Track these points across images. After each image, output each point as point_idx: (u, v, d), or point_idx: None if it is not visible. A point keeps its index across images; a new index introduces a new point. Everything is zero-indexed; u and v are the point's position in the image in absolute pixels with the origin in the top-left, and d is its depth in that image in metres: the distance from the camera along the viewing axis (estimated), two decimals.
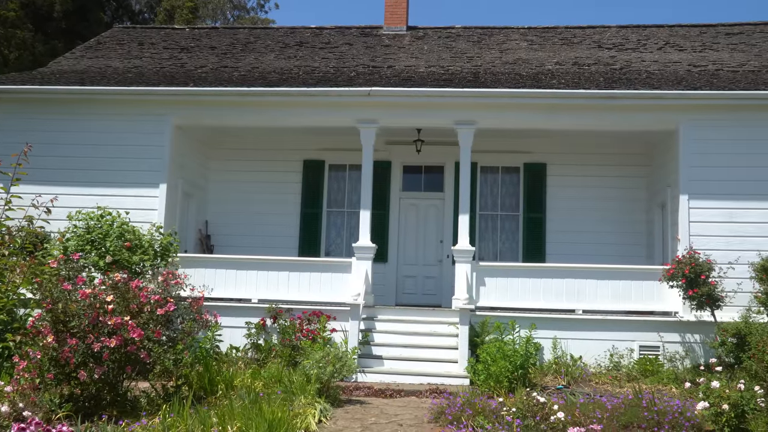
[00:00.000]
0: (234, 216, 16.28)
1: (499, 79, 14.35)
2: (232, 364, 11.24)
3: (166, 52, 17.19)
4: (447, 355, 11.92)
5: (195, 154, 15.81)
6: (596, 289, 12.96)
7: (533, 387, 10.32)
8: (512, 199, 16.19)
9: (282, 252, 15.35)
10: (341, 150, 16.18)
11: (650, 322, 12.70)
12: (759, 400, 7.52)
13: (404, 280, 16.03)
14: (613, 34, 17.62)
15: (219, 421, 7.31)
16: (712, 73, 14.53)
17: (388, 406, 9.48)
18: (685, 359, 12.27)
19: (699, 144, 13.11)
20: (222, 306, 12.72)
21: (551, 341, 12.57)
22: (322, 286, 13.35)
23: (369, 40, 17.79)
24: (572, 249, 15.26)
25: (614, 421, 8.01)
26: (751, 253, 11.96)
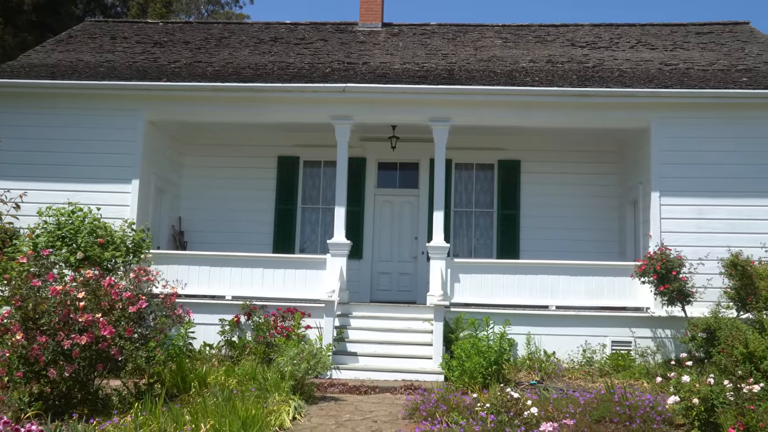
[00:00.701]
0: (208, 212, 16.17)
1: (473, 77, 14.39)
2: (206, 362, 11.17)
3: (139, 47, 16.99)
4: (422, 351, 11.95)
5: (168, 150, 15.66)
6: (569, 285, 13.08)
7: (507, 383, 10.38)
8: (487, 196, 16.27)
9: (256, 249, 15.28)
10: (316, 146, 16.14)
11: (622, 317, 12.83)
12: (728, 394, 7.64)
13: (379, 276, 16.04)
14: (586, 32, 17.77)
15: (192, 419, 7.26)
16: (682, 71, 14.71)
17: (363, 402, 9.48)
18: (657, 354, 12.43)
19: (670, 141, 13.29)
20: (195, 303, 12.62)
21: (525, 337, 12.66)
22: (297, 282, 13.32)
23: (344, 36, 17.74)
24: (546, 245, 15.41)
25: (587, 416, 8.09)
26: (721, 249, 12.14)
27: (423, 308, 12.91)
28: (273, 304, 12.82)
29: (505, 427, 7.42)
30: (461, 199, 16.28)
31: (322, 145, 15.77)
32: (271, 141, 16.35)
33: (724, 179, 13.05)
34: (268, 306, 12.75)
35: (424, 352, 11.89)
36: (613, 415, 8.07)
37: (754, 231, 12.70)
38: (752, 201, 12.94)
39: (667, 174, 13.20)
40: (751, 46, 16.31)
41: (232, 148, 16.45)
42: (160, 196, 15.17)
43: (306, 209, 16.45)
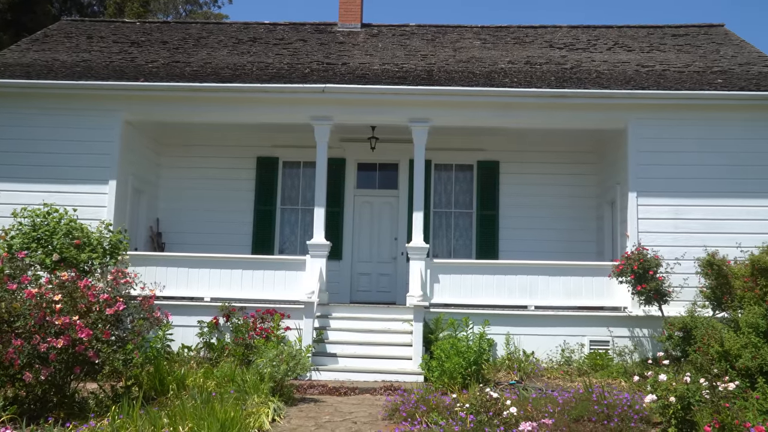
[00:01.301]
0: (186, 213, 16.06)
1: (452, 78, 14.43)
2: (184, 364, 11.09)
3: (116, 46, 16.84)
4: (401, 352, 11.95)
5: (146, 150, 15.54)
6: (548, 285, 13.15)
7: (486, 383, 10.42)
8: (466, 197, 16.32)
9: (235, 250, 15.21)
10: (295, 147, 16.10)
11: (600, 317, 12.93)
12: (704, 392, 7.72)
13: (359, 277, 16.03)
14: (564, 34, 17.89)
15: (170, 422, 7.21)
16: (659, 73, 14.85)
17: (343, 404, 9.46)
18: (634, 353, 12.54)
19: (647, 142, 13.42)
20: (174, 305, 12.52)
21: (504, 337, 12.71)
22: (276, 284, 13.27)
23: (323, 36, 17.71)
24: (525, 246, 15.49)
25: (565, 415, 8.13)
26: (697, 249, 12.27)
27: (403, 309, 12.92)
28: (252, 305, 12.76)
29: (484, 427, 7.44)
30: (441, 199, 16.32)
31: (301, 145, 15.73)
32: (250, 141, 16.29)
33: (701, 180, 13.20)
34: (247, 307, 12.69)
35: (404, 353, 11.89)
36: (591, 414, 8.12)
37: (729, 231, 12.86)
38: (728, 201, 13.10)
39: (644, 174, 13.33)
40: (725, 48, 16.52)
41: (210, 148, 16.36)
42: (138, 196, 15.04)
43: (285, 210, 16.40)
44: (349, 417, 8.64)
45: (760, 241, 11.28)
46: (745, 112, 13.35)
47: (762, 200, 13.06)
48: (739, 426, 7.16)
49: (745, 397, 8.11)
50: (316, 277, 12.90)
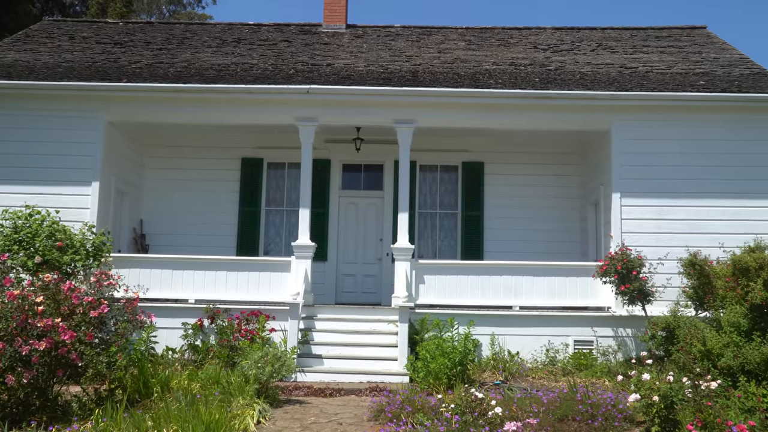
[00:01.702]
0: (170, 215, 15.97)
1: (437, 79, 14.46)
2: (169, 366, 11.02)
3: (98, 47, 16.72)
4: (387, 353, 11.95)
5: (129, 152, 15.44)
6: (533, 286, 13.21)
7: (472, 383, 10.44)
8: (451, 198, 16.36)
9: (220, 251, 15.15)
10: (280, 148, 16.06)
11: (584, 317, 13.00)
12: (687, 391, 7.78)
13: (344, 278, 16.02)
14: (548, 35, 17.98)
15: (154, 425, 7.17)
16: (642, 74, 14.96)
17: (328, 405, 9.45)
18: (618, 353, 12.62)
19: (630, 143, 13.51)
20: (158, 307, 12.46)
21: (489, 337, 12.75)
22: (261, 285, 13.23)
23: (308, 37, 17.68)
24: (509, 246, 15.55)
25: (550, 415, 8.18)
26: (680, 249, 12.36)
27: (388, 310, 12.92)
28: (237, 307, 12.72)
29: (469, 427, 7.46)
30: (426, 200, 16.34)
31: (286, 146, 15.70)
32: (234, 142, 16.24)
33: (683, 180, 13.31)
34: (232, 309, 12.64)
35: (389, 354, 11.89)
36: (575, 413, 8.17)
37: (711, 231, 12.97)
38: (710, 202, 13.22)
39: (627, 175, 13.42)
40: (708, 50, 16.67)
41: (195, 149, 16.29)
42: (121, 198, 14.95)
43: (270, 211, 16.36)
44: (334, 418, 8.63)
45: (742, 242, 11.37)
46: (727, 113, 13.48)
47: (743, 201, 13.19)
48: (721, 424, 7.22)
49: (727, 395, 8.18)
50: (301, 278, 12.87)
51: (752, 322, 9.03)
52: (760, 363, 8.42)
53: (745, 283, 9.28)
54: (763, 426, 7.56)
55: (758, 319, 9.00)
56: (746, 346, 8.71)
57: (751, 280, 9.19)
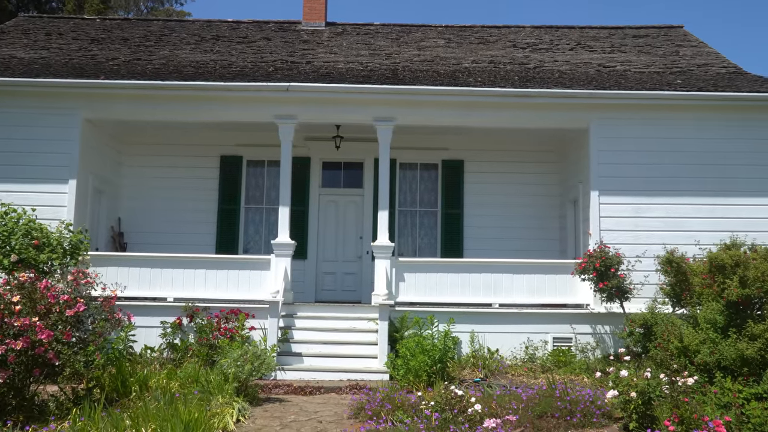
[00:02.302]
0: (148, 213, 15.84)
1: (417, 77, 14.47)
2: (147, 365, 10.94)
3: (75, 43, 16.54)
4: (367, 350, 11.95)
5: (107, 149, 15.29)
6: (512, 283, 13.26)
7: (452, 380, 10.47)
8: (431, 196, 16.38)
9: (199, 249, 15.06)
10: (259, 146, 15.99)
11: (563, 314, 13.09)
12: (664, 387, 7.86)
13: (324, 276, 15.99)
14: (527, 34, 18.07)
15: (132, 424, 7.11)
16: (620, 73, 15.08)
17: (308, 403, 9.43)
18: (596, 350, 12.71)
19: (608, 141, 13.61)
20: (136, 305, 12.38)
21: (469, 335, 12.79)
22: (241, 283, 13.17)
23: (287, 35, 17.62)
24: (489, 244, 15.62)
25: (529, 412, 8.23)
26: (657, 247, 12.48)
27: (368, 308, 12.92)
28: (216, 305, 12.65)
29: (449, 424, 7.49)
30: (406, 198, 16.36)
31: (265, 144, 15.63)
32: (213, 140, 16.14)
33: (660, 179, 13.44)
34: (211, 307, 12.57)
35: (370, 352, 11.89)
36: (554, 410, 8.22)
37: (688, 229, 13.11)
38: (687, 200, 13.35)
39: (605, 173, 13.52)
40: (685, 49, 16.84)
41: (173, 147, 16.15)
42: (99, 196, 14.80)
43: (249, 209, 16.28)
44: (314, 416, 8.62)
45: (718, 239, 11.49)
46: (703, 112, 13.62)
47: (719, 199, 13.34)
48: (698, 420, 7.31)
49: (703, 391, 8.27)
50: (281, 276, 12.83)
51: (728, 319, 9.14)
52: (735, 359, 8.53)
53: (722, 280, 9.39)
54: (738, 421, 7.66)
55: (734, 316, 9.12)
56: (722, 342, 8.81)
57: (727, 277, 9.30)
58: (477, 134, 15.79)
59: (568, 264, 13.37)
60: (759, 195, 13.35)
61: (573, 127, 14.25)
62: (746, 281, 8.99)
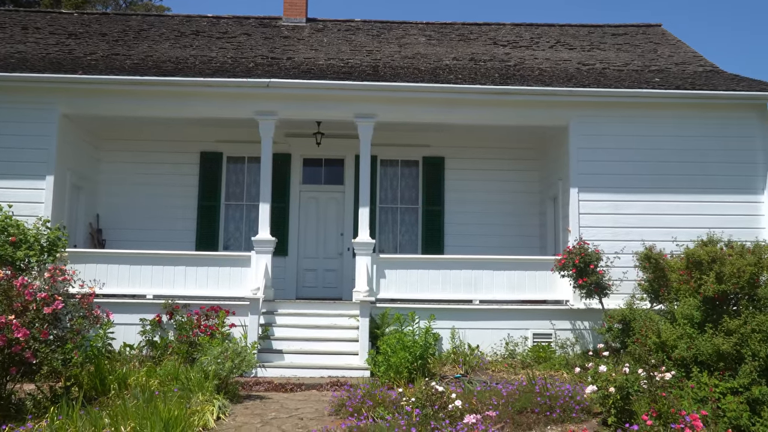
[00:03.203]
0: (127, 210, 15.71)
1: (398, 73, 14.47)
2: (126, 363, 10.86)
3: (52, 38, 16.35)
4: (348, 347, 11.95)
5: (85, 145, 15.13)
6: (492, 280, 13.32)
7: (432, 377, 10.50)
8: (412, 192, 16.40)
9: (179, 246, 14.97)
10: (240, 142, 15.91)
11: (543, 310, 13.17)
12: (642, 382, 7.94)
13: (305, 273, 15.96)
14: (507, 31, 18.13)
15: (111, 422, 7.06)
16: (599, 71, 15.19)
17: (289, 400, 9.42)
18: (576, 345, 12.82)
19: (588, 139, 13.71)
20: (115, 303, 12.29)
21: (450, 331, 12.83)
22: (221, 280, 13.11)
23: (268, 30, 17.55)
24: (470, 241, 15.68)
25: (509, 408, 8.27)
26: (636, 243, 12.59)
27: (349, 304, 12.91)
28: (196, 302, 12.59)
29: (430, 420, 7.51)
30: (387, 195, 16.36)
31: (246, 140, 15.56)
32: (193, 136, 16.02)
33: (639, 176, 13.56)
34: (191, 305, 12.51)
35: (351, 348, 11.90)
36: (534, 405, 8.27)
37: (666, 225, 13.24)
38: (665, 197, 13.49)
39: (585, 170, 13.61)
40: (663, 47, 17.00)
41: (152, 143, 16.02)
42: (77, 192, 14.65)
43: (230, 206, 16.20)
44: (295, 413, 8.61)
45: (695, 235, 11.61)
46: (681, 110, 13.76)
47: (697, 196, 13.48)
48: (675, 414, 7.39)
49: (681, 386, 8.36)
50: (261, 273, 12.79)
51: (705, 314, 9.24)
52: (712, 354, 8.63)
53: (698, 276, 9.49)
54: (714, 415, 7.76)
55: (710, 311, 9.22)
56: (699, 337, 8.91)
57: (704, 273, 9.40)
58: (458, 131, 15.82)
59: (548, 260, 13.45)
60: (735, 192, 13.53)
61: (553, 125, 14.33)
62: (722, 277, 9.10)
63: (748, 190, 13.57)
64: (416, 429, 7.30)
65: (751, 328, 8.71)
